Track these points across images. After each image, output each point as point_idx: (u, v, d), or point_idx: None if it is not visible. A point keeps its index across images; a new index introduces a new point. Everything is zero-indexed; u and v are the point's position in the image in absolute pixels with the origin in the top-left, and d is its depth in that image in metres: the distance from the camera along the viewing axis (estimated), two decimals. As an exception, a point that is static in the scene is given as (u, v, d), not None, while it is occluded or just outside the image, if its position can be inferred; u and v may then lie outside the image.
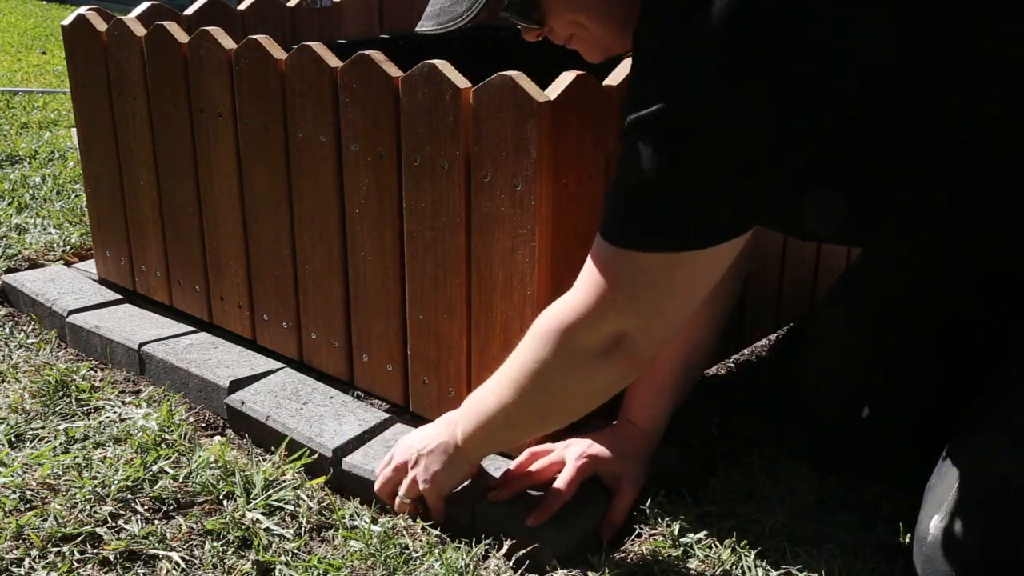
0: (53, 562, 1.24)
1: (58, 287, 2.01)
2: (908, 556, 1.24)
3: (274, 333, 1.73)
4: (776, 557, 1.23)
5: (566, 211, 1.31)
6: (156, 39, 1.74)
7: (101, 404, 1.64)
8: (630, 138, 0.99)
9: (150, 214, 1.89)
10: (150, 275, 1.95)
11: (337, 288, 1.58)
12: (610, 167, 1.37)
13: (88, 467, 1.42)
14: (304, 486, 1.41)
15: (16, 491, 1.36)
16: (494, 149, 1.29)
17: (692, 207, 1.00)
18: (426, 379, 1.49)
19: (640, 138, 0.98)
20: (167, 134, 1.79)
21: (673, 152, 0.97)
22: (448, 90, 1.31)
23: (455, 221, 1.37)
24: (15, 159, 3.05)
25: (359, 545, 1.28)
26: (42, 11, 7.01)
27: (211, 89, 1.67)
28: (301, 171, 1.57)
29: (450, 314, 1.42)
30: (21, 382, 1.69)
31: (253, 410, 1.55)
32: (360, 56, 1.41)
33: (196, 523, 1.32)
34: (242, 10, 2.04)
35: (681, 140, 0.96)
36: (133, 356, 1.77)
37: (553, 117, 1.25)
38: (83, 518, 1.31)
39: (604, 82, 1.33)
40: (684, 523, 1.29)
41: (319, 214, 1.57)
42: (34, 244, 2.26)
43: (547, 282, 1.31)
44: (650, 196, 1.00)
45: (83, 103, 1.95)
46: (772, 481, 1.39)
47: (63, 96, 4.06)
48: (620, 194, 1.04)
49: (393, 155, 1.42)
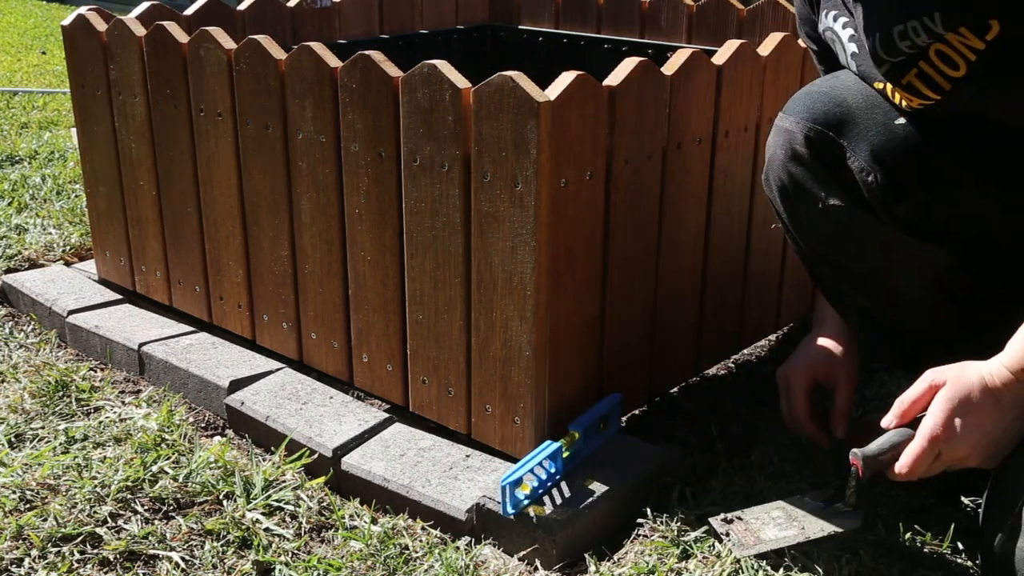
0: (53, 562, 1.24)
1: (58, 287, 2.01)
2: (906, 557, 1.24)
3: (274, 333, 1.73)
4: (776, 557, 1.23)
5: (566, 211, 1.31)
6: (156, 39, 1.74)
7: (101, 404, 1.64)
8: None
9: (150, 214, 1.89)
10: (150, 275, 1.95)
11: (337, 288, 1.58)
12: (610, 167, 1.37)
13: (88, 467, 1.42)
14: (304, 486, 1.41)
15: (16, 491, 1.36)
16: (494, 149, 1.29)
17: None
18: (426, 379, 1.49)
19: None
20: (167, 134, 1.79)
21: None
22: (448, 90, 1.31)
23: (455, 221, 1.37)
24: (15, 159, 3.05)
25: (359, 545, 1.28)
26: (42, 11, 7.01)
27: (211, 89, 1.67)
28: (301, 171, 1.57)
29: (450, 314, 1.42)
30: (21, 382, 1.69)
31: (253, 410, 1.55)
32: (360, 56, 1.41)
33: (196, 523, 1.32)
34: (242, 10, 2.05)
35: None
36: (133, 356, 1.77)
37: (553, 117, 1.25)
38: (83, 518, 1.31)
39: (604, 82, 1.33)
40: (684, 523, 1.29)
41: (319, 214, 1.57)
42: (34, 244, 2.26)
43: (547, 282, 1.31)
44: None
45: (83, 103, 1.95)
46: (772, 481, 1.39)
47: (63, 96, 4.06)
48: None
49: (393, 155, 1.42)
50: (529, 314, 1.32)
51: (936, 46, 1.13)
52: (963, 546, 1.27)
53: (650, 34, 2.22)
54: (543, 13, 2.41)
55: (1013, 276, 1.28)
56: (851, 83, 1.28)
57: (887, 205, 1.25)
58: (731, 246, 1.67)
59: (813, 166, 1.27)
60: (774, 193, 1.34)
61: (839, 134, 1.25)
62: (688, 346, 1.65)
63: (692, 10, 2.13)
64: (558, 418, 1.39)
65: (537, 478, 1.29)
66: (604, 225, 1.39)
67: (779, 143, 1.30)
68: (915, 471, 1.13)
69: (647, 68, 1.37)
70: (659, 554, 1.24)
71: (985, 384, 1.11)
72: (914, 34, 1.12)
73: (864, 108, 1.25)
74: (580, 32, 2.33)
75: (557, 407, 1.38)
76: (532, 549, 1.25)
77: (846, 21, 1.26)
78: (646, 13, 2.22)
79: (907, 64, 1.17)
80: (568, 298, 1.36)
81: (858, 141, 1.24)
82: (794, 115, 1.28)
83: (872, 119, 1.24)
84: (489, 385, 1.40)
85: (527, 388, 1.36)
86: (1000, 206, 1.23)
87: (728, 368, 1.79)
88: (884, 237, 1.29)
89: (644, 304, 1.51)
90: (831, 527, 1.22)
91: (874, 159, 1.23)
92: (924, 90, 1.17)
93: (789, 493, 1.35)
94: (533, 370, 1.34)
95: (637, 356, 1.53)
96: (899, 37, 1.14)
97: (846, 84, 1.29)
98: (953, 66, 1.13)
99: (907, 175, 1.23)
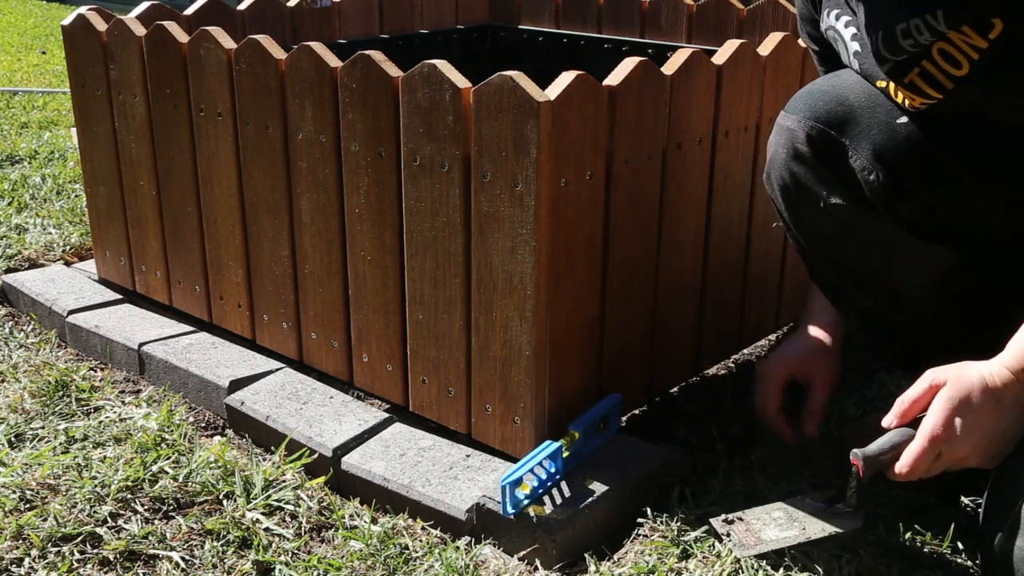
0: (53, 562, 1.24)
1: (58, 287, 2.01)
2: (906, 557, 1.24)
3: (274, 333, 1.73)
4: (776, 557, 1.23)
5: (566, 211, 1.31)
6: (156, 39, 1.74)
7: (101, 404, 1.64)
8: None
9: (150, 214, 1.89)
10: (150, 275, 1.95)
11: (337, 288, 1.58)
12: (610, 167, 1.37)
13: (88, 467, 1.42)
14: (304, 486, 1.41)
15: (16, 491, 1.36)
16: (494, 149, 1.29)
17: None
18: (426, 379, 1.49)
19: None
20: (167, 134, 1.79)
21: None
22: (448, 90, 1.31)
23: (455, 221, 1.37)
24: (15, 159, 3.05)
25: (359, 545, 1.28)
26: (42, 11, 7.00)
27: (211, 89, 1.67)
28: (301, 171, 1.57)
29: (450, 314, 1.42)
30: (21, 382, 1.69)
31: (253, 410, 1.55)
32: (360, 56, 1.41)
33: (196, 523, 1.32)
34: (242, 10, 2.04)
35: None
36: (133, 356, 1.77)
37: (553, 117, 1.25)
38: (83, 518, 1.31)
39: (604, 82, 1.33)
40: (684, 523, 1.29)
41: (319, 214, 1.57)
42: (34, 244, 2.26)
43: (547, 282, 1.31)
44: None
45: (83, 103, 1.95)
46: (772, 481, 1.39)
47: (63, 96, 4.06)
48: None
49: (393, 155, 1.42)
50: (529, 314, 1.32)
51: (939, 44, 1.13)
52: (963, 546, 1.27)
53: (650, 34, 2.22)
54: (543, 13, 2.41)
55: (1015, 275, 1.28)
56: (853, 82, 1.28)
57: (889, 204, 1.25)
58: (731, 246, 1.67)
59: (815, 165, 1.27)
60: (776, 192, 1.34)
61: (841, 133, 1.25)
62: (688, 346, 1.65)
63: (692, 10, 2.13)
64: (558, 418, 1.39)
65: (537, 478, 1.29)
66: (604, 225, 1.39)
67: (781, 142, 1.30)
68: (916, 471, 1.13)
69: (647, 68, 1.37)
70: (659, 554, 1.24)
71: (985, 384, 1.11)
72: (917, 32, 1.12)
73: (866, 107, 1.25)
74: (580, 32, 2.33)
75: (557, 407, 1.38)
76: (532, 549, 1.25)
77: (848, 20, 1.26)
78: (646, 13, 2.22)
79: (910, 63, 1.17)
80: (568, 298, 1.36)
81: (860, 140, 1.24)
82: (796, 114, 1.28)
83: (874, 118, 1.24)
84: (489, 385, 1.40)
85: (527, 388, 1.36)
86: (1003, 204, 1.23)
87: (728, 368, 1.79)
88: (886, 236, 1.29)
89: (644, 304, 1.51)
90: (832, 528, 1.22)
91: (876, 158, 1.23)
92: (927, 89, 1.17)
93: (789, 493, 1.35)
94: (533, 370, 1.34)
95: (637, 356, 1.53)
96: (902, 35, 1.14)
97: (848, 83, 1.28)
98: (956, 65, 1.13)
99: (909, 174, 1.23)
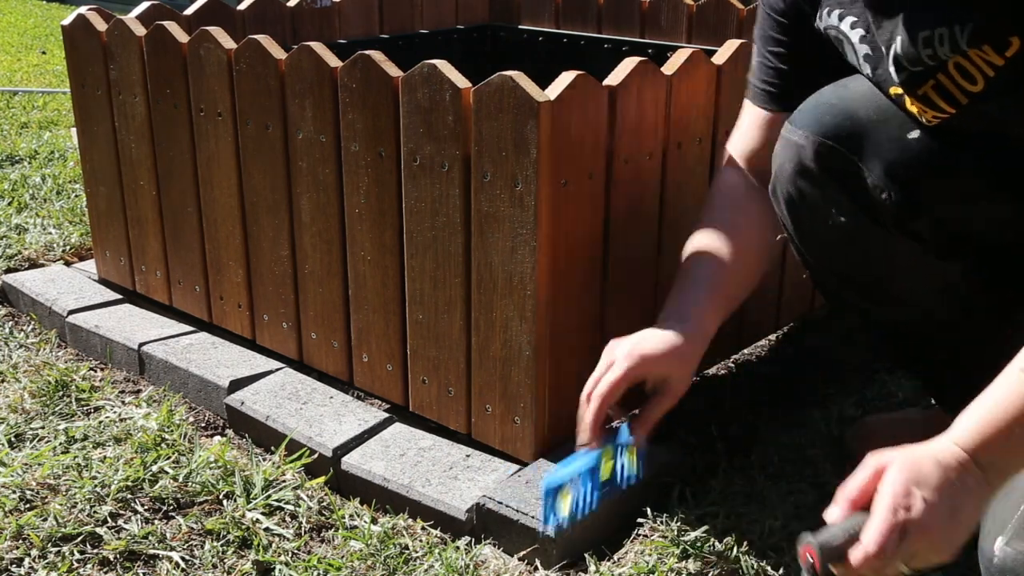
0: (53, 562, 1.24)
1: (58, 287, 2.01)
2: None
3: (274, 333, 1.73)
4: (776, 557, 1.23)
5: (566, 211, 1.31)
6: (156, 39, 1.74)
7: (101, 404, 1.64)
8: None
9: (150, 214, 1.89)
10: (150, 275, 1.95)
11: (337, 288, 1.58)
12: (610, 167, 1.37)
13: (88, 467, 1.42)
14: (304, 486, 1.41)
15: (16, 491, 1.36)
16: (494, 149, 1.29)
17: None
18: (426, 379, 1.49)
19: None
20: (167, 134, 1.79)
21: None
22: (448, 90, 1.31)
23: (455, 221, 1.37)
24: (15, 159, 3.05)
25: (359, 545, 1.28)
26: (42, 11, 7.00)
27: (211, 89, 1.67)
28: (301, 171, 1.57)
29: (450, 314, 1.42)
30: (21, 382, 1.69)
31: (253, 410, 1.55)
32: (360, 56, 1.41)
33: (196, 523, 1.32)
34: (242, 10, 2.05)
35: None
36: (133, 356, 1.77)
37: (553, 117, 1.25)
38: (83, 518, 1.31)
39: (604, 82, 1.33)
40: (684, 523, 1.29)
41: (319, 214, 1.57)
42: (34, 244, 2.26)
43: (547, 282, 1.31)
44: None
45: (83, 103, 1.95)
46: (772, 481, 1.39)
47: (63, 96, 4.06)
48: None
49: (393, 155, 1.42)
50: (529, 314, 1.32)
51: (956, 59, 1.12)
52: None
53: (650, 34, 2.22)
54: (543, 13, 2.41)
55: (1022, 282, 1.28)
56: (860, 93, 1.25)
57: (901, 221, 1.23)
58: (731, 246, 1.67)
59: (823, 182, 1.25)
60: (781, 206, 1.32)
61: (850, 149, 1.22)
62: (688, 346, 1.65)
63: (692, 10, 2.13)
64: (558, 418, 1.39)
65: (578, 490, 1.19)
66: (604, 225, 1.39)
67: (788, 156, 1.27)
68: (883, 550, 0.95)
69: (647, 68, 1.37)
70: (659, 554, 1.24)
71: (937, 461, 0.99)
72: (939, 43, 1.10)
73: (876, 121, 1.23)
74: (580, 32, 2.33)
75: (557, 407, 1.38)
76: (532, 549, 1.25)
77: (854, 21, 1.24)
78: (646, 13, 2.22)
79: (925, 75, 1.15)
80: (568, 298, 1.36)
81: (871, 157, 1.22)
82: (803, 128, 1.25)
83: (885, 133, 1.22)
84: (489, 385, 1.40)
85: (527, 388, 1.36)
86: (1019, 221, 1.21)
87: (728, 368, 1.79)
88: (891, 247, 1.27)
89: (644, 304, 1.51)
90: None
91: (888, 176, 1.21)
92: (940, 103, 1.16)
93: (789, 493, 1.35)
94: (533, 370, 1.34)
95: (637, 356, 1.53)
96: (923, 43, 1.12)
97: (856, 94, 1.26)
98: (971, 80, 1.12)
99: (922, 191, 1.20)
